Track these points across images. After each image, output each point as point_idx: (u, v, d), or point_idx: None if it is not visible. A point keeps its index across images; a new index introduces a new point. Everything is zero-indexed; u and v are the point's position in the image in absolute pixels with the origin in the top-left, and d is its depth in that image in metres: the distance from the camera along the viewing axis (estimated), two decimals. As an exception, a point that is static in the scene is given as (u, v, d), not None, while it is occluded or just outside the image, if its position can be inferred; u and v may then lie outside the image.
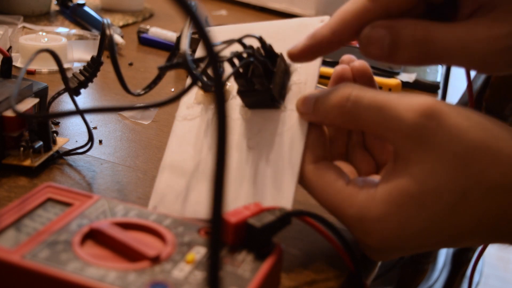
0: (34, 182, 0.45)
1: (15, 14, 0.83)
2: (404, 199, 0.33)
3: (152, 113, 0.58)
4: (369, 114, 0.35)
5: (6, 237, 0.32)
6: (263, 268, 0.32)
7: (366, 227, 0.35)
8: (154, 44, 0.81)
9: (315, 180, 0.37)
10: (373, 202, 0.34)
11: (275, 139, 0.40)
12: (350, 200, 0.35)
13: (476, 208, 0.33)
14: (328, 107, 0.37)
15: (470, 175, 0.32)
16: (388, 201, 0.33)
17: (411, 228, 0.34)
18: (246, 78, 0.40)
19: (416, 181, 0.33)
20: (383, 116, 0.34)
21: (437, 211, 0.33)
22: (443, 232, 0.34)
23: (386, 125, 0.34)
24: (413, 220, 0.33)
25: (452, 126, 0.32)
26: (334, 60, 0.73)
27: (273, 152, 0.40)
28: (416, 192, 0.33)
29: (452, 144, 0.32)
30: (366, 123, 0.35)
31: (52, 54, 0.42)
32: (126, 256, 0.32)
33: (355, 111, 0.35)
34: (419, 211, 0.33)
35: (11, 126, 0.45)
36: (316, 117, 0.38)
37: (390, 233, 0.34)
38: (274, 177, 0.39)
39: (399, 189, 0.33)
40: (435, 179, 0.32)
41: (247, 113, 0.42)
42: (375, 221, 0.34)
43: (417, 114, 0.33)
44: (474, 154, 0.32)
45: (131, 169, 0.48)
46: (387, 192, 0.34)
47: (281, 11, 1.07)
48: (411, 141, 0.33)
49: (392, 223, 0.34)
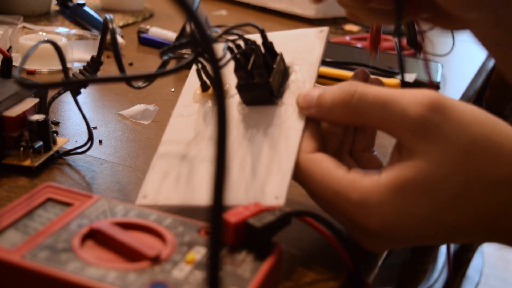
0: (34, 182, 0.45)
1: (15, 14, 0.83)
2: (408, 186, 0.33)
3: (152, 113, 0.58)
4: (374, 110, 0.35)
5: (6, 237, 0.32)
6: (263, 268, 0.32)
7: (368, 211, 0.34)
8: (154, 44, 0.81)
9: (313, 168, 0.37)
10: (377, 187, 0.34)
11: (272, 130, 0.40)
12: (354, 185, 0.35)
13: (476, 201, 0.33)
14: (333, 103, 0.37)
15: (473, 167, 0.33)
16: (392, 187, 0.34)
17: (411, 216, 0.34)
18: (246, 70, 0.40)
19: (421, 171, 0.33)
20: (388, 111, 0.34)
21: (439, 201, 0.33)
22: (442, 223, 0.34)
23: (391, 120, 0.34)
24: (414, 208, 0.33)
25: (456, 119, 0.33)
26: (334, 60, 0.73)
27: (269, 142, 0.40)
28: (420, 181, 0.33)
29: (456, 137, 0.33)
30: (371, 119, 0.35)
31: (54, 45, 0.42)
32: (126, 256, 0.32)
33: (360, 107, 0.36)
34: (422, 199, 0.33)
35: (11, 126, 0.45)
36: (318, 113, 0.38)
37: (391, 219, 0.34)
38: (270, 165, 0.38)
39: (404, 177, 0.34)
40: (439, 170, 0.33)
41: (245, 109, 0.42)
42: (377, 205, 0.34)
43: (422, 108, 0.33)
44: (477, 147, 0.33)
45: (131, 169, 0.48)
46: (392, 179, 0.34)
47: (281, 11, 1.07)
48: (416, 134, 0.34)
49: (394, 208, 0.34)
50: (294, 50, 0.44)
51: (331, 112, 0.37)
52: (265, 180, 0.38)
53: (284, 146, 0.39)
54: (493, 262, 1.86)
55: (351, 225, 0.37)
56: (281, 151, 0.39)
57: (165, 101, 0.62)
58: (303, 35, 0.45)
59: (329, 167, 0.36)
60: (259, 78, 0.40)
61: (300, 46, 0.45)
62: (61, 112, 0.58)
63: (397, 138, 0.35)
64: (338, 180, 0.36)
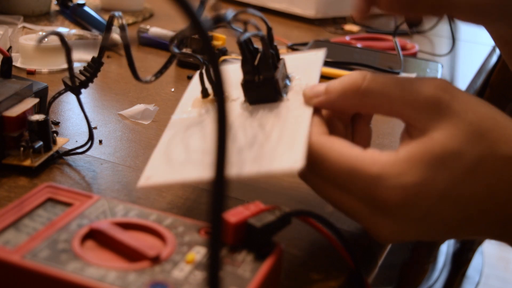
0: (34, 182, 0.45)
1: (15, 14, 0.83)
2: (427, 157, 0.34)
3: (152, 113, 0.58)
4: (385, 90, 0.36)
5: (6, 237, 0.32)
6: (263, 268, 0.32)
7: (389, 183, 0.34)
8: (154, 44, 0.81)
9: (328, 147, 0.36)
10: (397, 160, 0.34)
11: (280, 115, 0.40)
12: (372, 159, 0.35)
13: (490, 176, 0.34)
14: (343, 88, 0.38)
15: (485, 143, 0.34)
16: (412, 159, 0.34)
17: (432, 188, 0.34)
18: (252, 65, 0.41)
19: (437, 143, 0.34)
20: (401, 89, 0.35)
21: (456, 173, 0.34)
22: (459, 198, 0.34)
23: (403, 99, 0.35)
24: (434, 180, 0.34)
25: (464, 100, 0.35)
26: (334, 60, 0.73)
27: (279, 122, 0.40)
28: (438, 152, 0.34)
29: (467, 114, 0.34)
30: (382, 101, 0.36)
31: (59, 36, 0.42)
32: (126, 256, 0.32)
33: (370, 89, 0.36)
34: (440, 171, 0.34)
35: (11, 126, 0.45)
36: (327, 100, 0.39)
37: (412, 191, 0.34)
38: (282, 138, 0.38)
39: (422, 149, 0.34)
40: (455, 142, 0.34)
41: (248, 107, 0.42)
42: (398, 176, 0.34)
43: (433, 87, 0.35)
44: (486, 124, 0.34)
45: (131, 169, 0.48)
46: (410, 152, 0.34)
47: (281, 11, 1.07)
48: (429, 111, 0.35)
49: (415, 179, 0.34)
50: (293, 67, 0.46)
51: (341, 98, 0.38)
52: (279, 148, 0.37)
53: (294, 124, 0.39)
54: (493, 262, 1.86)
55: (367, 206, 0.36)
56: (292, 126, 0.39)
57: (165, 101, 0.62)
58: (301, 57, 0.48)
59: (345, 146, 0.36)
60: (265, 72, 0.40)
61: (299, 64, 0.46)
62: (61, 112, 0.58)
63: (408, 120, 0.36)
64: (355, 156, 0.35)
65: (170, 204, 0.43)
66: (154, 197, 0.44)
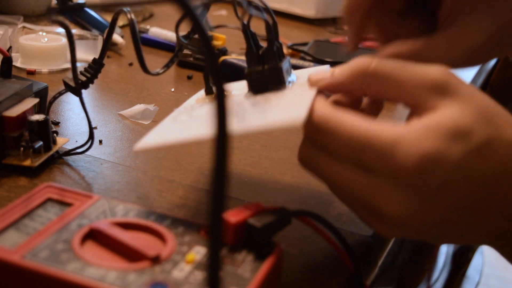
0: (34, 182, 0.45)
1: (15, 14, 0.83)
2: (442, 128, 0.34)
3: (152, 113, 0.58)
4: (393, 73, 0.36)
5: (6, 237, 0.32)
6: (263, 268, 0.32)
7: (406, 149, 0.33)
8: (154, 44, 0.81)
9: (340, 116, 0.35)
10: (411, 129, 0.34)
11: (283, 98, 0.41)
12: (386, 128, 0.34)
13: (495, 161, 0.34)
14: (350, 70, 0.37)
15: (493, 124, 0.34)
16: (427, 129, 0.34)
17: (446, 159, 0.33)
18: (258, 54, 0.42)
19: (450, 118, 0.34)
20: (409, 72, 0.36)
21: (467, 149, 0.33)
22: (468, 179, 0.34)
23: (412, 81, 0.35)
24: (448, 150, 0.33)
25: (468, 85, 0.36)
26: (334, 60, 0.73)
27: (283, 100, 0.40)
28: (451, 126, 0.34)
29: (474, 96, 0.35)
30: (389, 83, 0.36)
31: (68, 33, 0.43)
32: (126, 256, 0.32)
33: (379, 71, 0.36)
34: (454, 144, 0.33)
35: (11, 126, 0.45)
36: (333, 82, 0.38)
37: (428, 156, 0.33)
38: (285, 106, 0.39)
39: (436, 121, 0.34)
40: (466, 119, 0.34)
41: (252, 97, 0.42)
42: (415, 142, 0.33)
43: (441, 70, 0.35)
44: (491, 109, 0.35)
45: (131, 169, 0.48)
46: (425, 123, 0.34)
47: (281, 11, 1.07)
48: (438, 91, 0.35)
49: (431, 146, 0.33)
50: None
51: (348, 80, 0.37)
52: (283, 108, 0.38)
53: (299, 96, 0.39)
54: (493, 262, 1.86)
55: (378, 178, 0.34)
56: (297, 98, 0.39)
57: (165, 101, 0.62)
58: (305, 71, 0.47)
59: (357, 116, 0.35)
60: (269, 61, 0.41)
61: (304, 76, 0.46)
62: (61, 112, 0.58)
63: (417, 101, 0.35)
64: (369, 125, 0.34)
65: (170, 204, 0.43)
66: (154, 197, 0.44)
